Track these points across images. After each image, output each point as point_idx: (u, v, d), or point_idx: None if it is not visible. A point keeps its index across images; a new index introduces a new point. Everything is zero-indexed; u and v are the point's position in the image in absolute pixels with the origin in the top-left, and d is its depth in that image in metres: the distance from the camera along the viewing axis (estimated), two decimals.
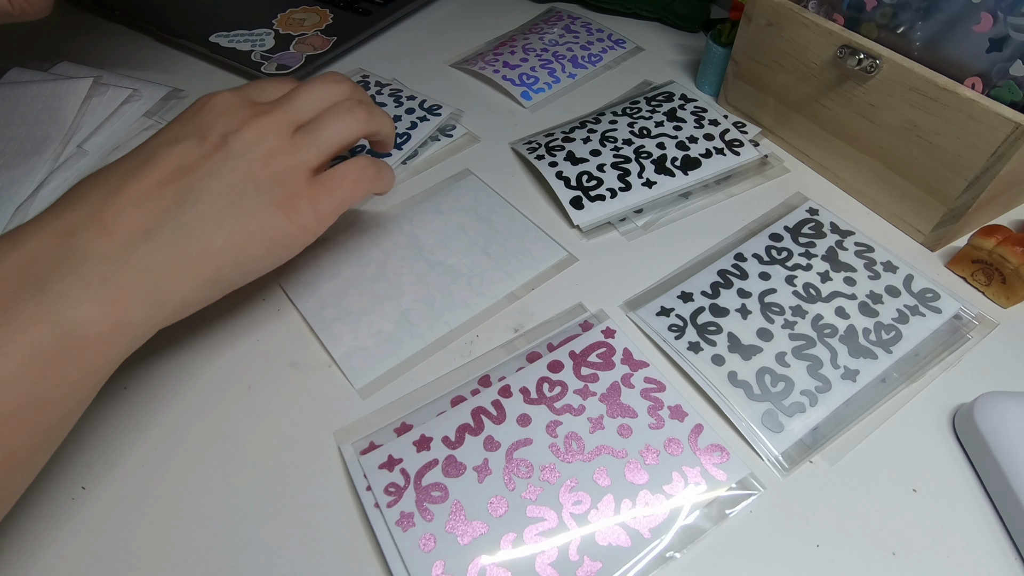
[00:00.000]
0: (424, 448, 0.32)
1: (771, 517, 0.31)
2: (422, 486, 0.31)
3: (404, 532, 0.29)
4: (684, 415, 0.33)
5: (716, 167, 0.45)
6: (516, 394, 0.34)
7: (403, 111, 0.52)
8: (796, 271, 0.40)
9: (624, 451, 0.32)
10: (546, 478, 0.31)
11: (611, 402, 0.34)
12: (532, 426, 0.33)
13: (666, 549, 0.29)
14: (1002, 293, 0.39)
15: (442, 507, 0.30)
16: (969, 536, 0.30)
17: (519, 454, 0.32)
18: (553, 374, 0.35)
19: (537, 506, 0.30)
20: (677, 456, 0.32)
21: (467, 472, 0.31)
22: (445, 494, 0.30)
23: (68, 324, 0.25)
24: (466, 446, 0.32)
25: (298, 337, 0.39)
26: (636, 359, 0.36)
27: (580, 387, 0.34)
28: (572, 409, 0.34)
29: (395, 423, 0.34)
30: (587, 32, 0.62)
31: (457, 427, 0.33)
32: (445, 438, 0.33)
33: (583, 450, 0.32)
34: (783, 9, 0.43)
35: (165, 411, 0.35)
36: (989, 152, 0.36)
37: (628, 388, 0.34)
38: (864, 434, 0.33)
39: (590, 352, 0.36)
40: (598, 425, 0.33)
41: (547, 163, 0.46)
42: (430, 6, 0.67)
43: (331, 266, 0.42)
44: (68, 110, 0.43)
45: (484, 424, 0.33)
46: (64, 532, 0.31)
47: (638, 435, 0.32)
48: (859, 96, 0.41)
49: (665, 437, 0.32)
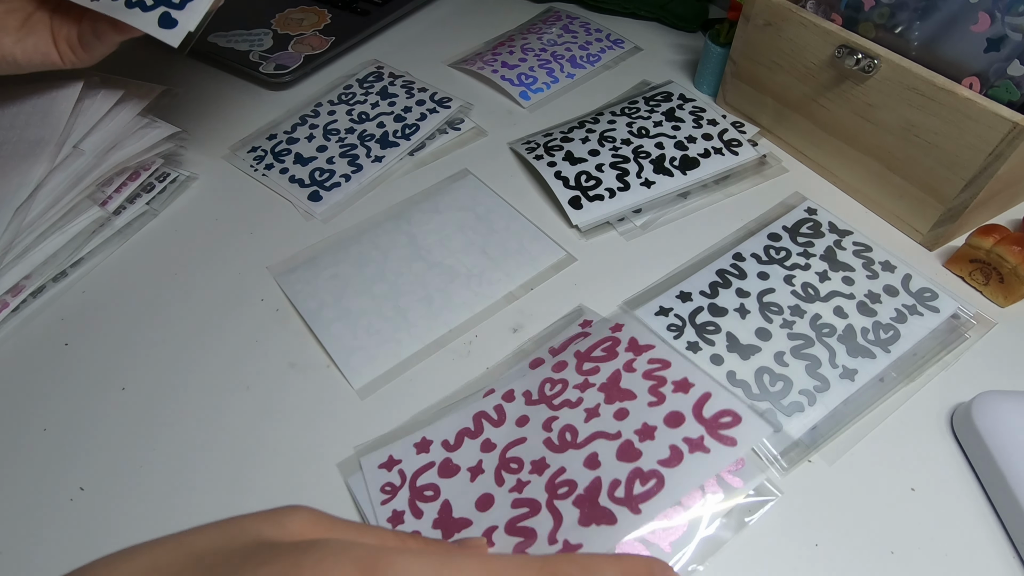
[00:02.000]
0: (424, 450, 0.33)
1: (770, 516, 0.31)
2: (416, 486, 0.31)
3: (393, 529, 0.30)
4: (690, 386, 0.32)
5: (714, 167, 0.46)
6: (519, 398, 0.34)
7: (414, 102, 0.53)
8: (794, 271, 0.40)
9: (618, 432, 0.31)
10: (535, 471, 0.31)
11: (610, 389, 0.33)
12: (529, 426, 0.33)
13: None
14: (1000, 292, 0.39)
15: (431, 506, 0.31)
16: (967, 534, 0.30)
17: (512, 452, 0.32)
18: (556, 374, 0.35)
19: (522, 497, 0.30)
20: (675, 429, 0.30)
21: (461, 473, 0.32)
22: (436, 494, 0.31)
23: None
24: (463, 449, 0.33)
25: (297, 338, 0.39)
26: (642, 344, 0.35)
27: (580, 381, 0.34)
28: (570, 403, 0.33)
29: (401, 430, 0.34)
30: (585, 32, 0.62)
31: (457, 431, 0.33)
32: (445, 441, 0.33)
33: (576, 439, 0.32)
34: (781, 9, 0.43)
35: (163, 413, 0.35)
36: (987, 151, 0.36)
37: (629, 372, 0.34)
38: (862, 433, 0.33)
39: (595, 348, 0.36)
40: (594, 413, 0.32)
41: (546, 163, 0.46)
42: (429, 6, 0.67)
43: (330, 266, 0.42)
44: (61, 111, 0.43)
45: (483, 428, 0.33)
46: (63, 532, 0.31)
47: (635, 415, 0.32)
48: (857, 96, 0.41)
49: (665, 412, 0.31)
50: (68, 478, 0.33)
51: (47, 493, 0.32)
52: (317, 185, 0.47)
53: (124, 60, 0.59)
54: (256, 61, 0.57)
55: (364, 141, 0.50)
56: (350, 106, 0.53)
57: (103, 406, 0.36)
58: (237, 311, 0.40)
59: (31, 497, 0.32)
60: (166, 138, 0.45)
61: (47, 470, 0.33)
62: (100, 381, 0.37)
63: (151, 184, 0.46)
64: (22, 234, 0.40)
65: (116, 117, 0.45)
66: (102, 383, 0.37)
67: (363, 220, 0.45)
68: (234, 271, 0.42)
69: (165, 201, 0.47)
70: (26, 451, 0.34)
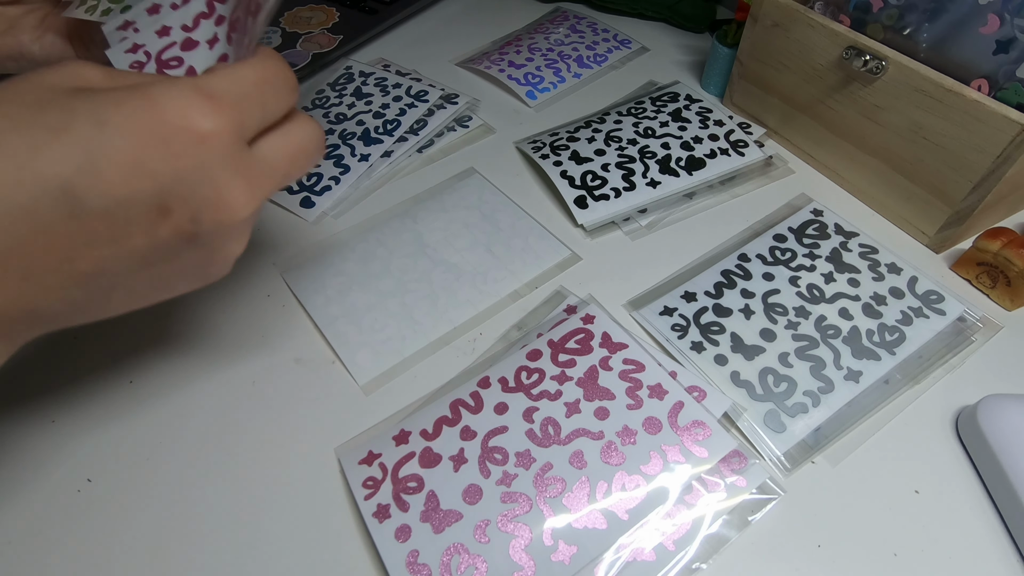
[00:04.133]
0: (403, 441, 0.32)
1: (773, 517, 0.31)
2: (399, 478, 0.31)
3: (380, 524, 0.30)
4: (664, 393, 0.33)
5: (721, 167, 0.45)
6: (495, 384, 0.34)
7: (420, 100, 0.52)
8: (800, 272, 0.40)
9: (601, 432, 0.32)
10: (521, 464, 0.31)
11: (588, 386, 0.34)
12: (508, 414, 0.33)
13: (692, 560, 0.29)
14: (1007, 296, 0.39)
15: (417, 497, 0.30)
16: (971, 538, 0.30)
17: (495, 442, 0.32)
18: (531, 362, 0.35)
19: (511, 492, 0.30)
20: (655, 435, 0.31)
21: (443, 462, 0.31)
22: (420, 484, 0.31)
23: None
24: (443, 437, 0.32)
25: (303, 333, 0.39)
26: (615, 341, 0.35)
27: (557, 373, 0.34)
28: (549, 395, 0.33)
29: (386, 422, 0.34)
30: (592, 32, 0.62)
31: (435, 419, 0.33)
32: (423, 431, 0.33)
33: (559, 435, 0.32)
34: (789, 10, 0.43)
35: (170, 406, 0.36)
36: (995, 154, 0.36)
37: (606, 371, 0.34)
38: (867, 435, 0.33)
39: (568, 339, 0.36)
40: (575, 409, 0.33)
41: (552, 162, 0.46)
42: (436, 5, 0.67)
43: (336, 263, 0.42)
44: None
45: (461, 415, 0.33)
46: (70, 523, 0.31)
47: (615, 416, 0.32)
48: (865, 97, 0.41)
49: (643, 416, 0.32)
50: (76, 470, 0.33)
51: (55, 485, 0.33)
52: (307, 191, 0.47)
53: None
54: None
55: (346, 140, 0.50)
56: (325, 109, 0.53)
57: (111, 399, 0.36)
58: (244, 307, 0.40)
59: (39, 488, 0.32)
60: None
61: (55, 462, 0.33)
62: (108, 374, 0.37)
63: None
64: None
65: None
66: (110, 376, 0.37)
67: (369, 218, 0.45)
68: (240, 267, 0.43)
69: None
70: (34, 442, 0.34)
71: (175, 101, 0.21)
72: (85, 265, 0.21)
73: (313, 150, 0.27)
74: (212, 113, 0.21)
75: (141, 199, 0.21)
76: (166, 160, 0.21)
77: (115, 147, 0.20)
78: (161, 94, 0.21)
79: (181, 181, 0.21)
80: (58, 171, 0.20)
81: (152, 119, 0.21)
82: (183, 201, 0.22)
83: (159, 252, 0.23)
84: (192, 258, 0.24)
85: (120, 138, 0.20)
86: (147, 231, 0.22)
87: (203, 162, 0.21)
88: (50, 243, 0.20)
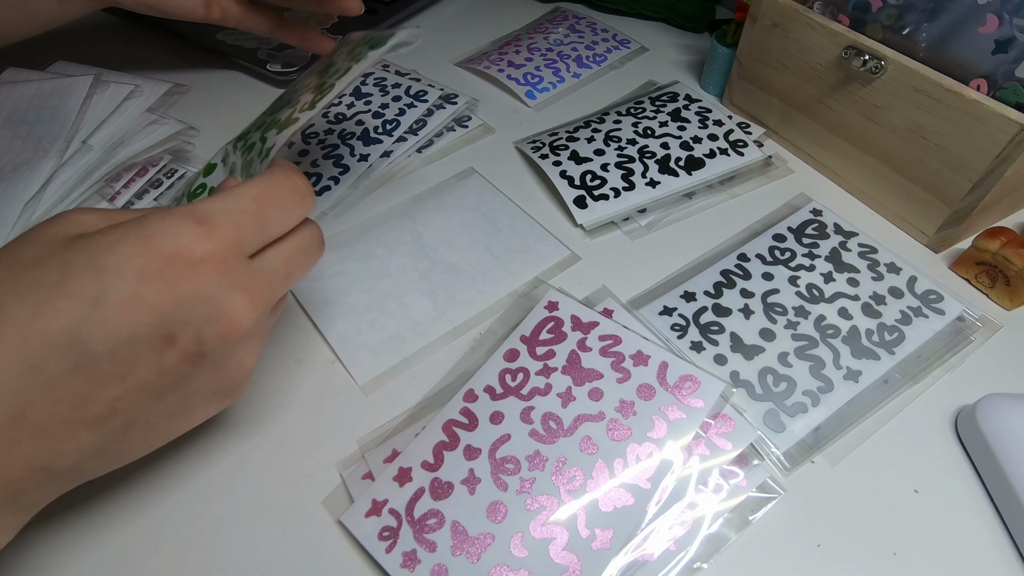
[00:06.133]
0: (406, 479, 0.31)
1: (773, 516, 0.31)
2: (415, 519, 0.29)
3: (412, 573, 0.28)
4: (647, 358, 0.33)
5: (720, 167, 0.46)
6: (482, 394, 0.33)
7: (420, 100, 0.52)
8: (799, 272, 0.40)
9: (601, 413, 0.32)
10: (535, 467, 0.30)
11: (574, 371, 0.33)
12: (506, 421, 0.32)
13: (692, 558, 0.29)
14: (1006, 295, 0.39)
15: (441, 533, 0.29)
16: (970, 537, 0.30)
17: (502, 452, 0.31)
18: (511, 363, 0.35)
19: (534, 496, 0.30)
20: (651, 401, 0.32)
21: (456, 488, 0.30)
22: (441, 519, 0.29)
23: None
24: (447, 463, 0.31)
25: (303, 333, 0.39)
26: (585, 322, 0.35)
27: (540, 367, 0.34)
28: (539, 391, 0.33)
29: (381, 461, 0.32)
30: (592, 32, 0.62)
31: (433, 447, 0.32)
32: (424, 463, 0.31)
33: (562, 426, 0.31)
34: (788, 10, 0.43)
35: None
36: (994, 154, 0.36)
37: (586, 352, 0.34)
38: (866, 435, 0.33)
39: (539, 330, 0.36)
40: (569, 397, 0.32)
41: (551, 162, 0.46)
42: (435, 5, 0.67)
43: (335, 263, 0.42)
44: (70, 107, 0.43)
45: (458, 436, 0.32)
46: (69, 527, 0.31)
47: (609, 394, 0.32)
48: (864, 97, 0.41)
49: (635, 386, 0.32)
50: None
51: None
52: None
53: (133, 56, 0.60)
54: (263, 59, 0.57)
55: (346, 140, 0.49)
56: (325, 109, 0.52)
57: None
58: None
59: None
60: (174, 134, 0.46)
61: None
62: None
63: (159, 180, 0.47)
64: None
65: (124, 113, 0.45)
66: None
67: (369, 218, 0.45)
68: None
69: (173, 197, 0.47)
70: None
71: (167, 232, 0.22)
72: (97, 408, 0.21)
73: (311, 246, 0.28)
74: (204, 237, 0.22)
75: (145, 332, 0.21)
76: (164, 290, 0.21)
77: (114, 289, 0.21)
78: (154, 227, 0.22)
79: (181, 306, 0.22)
80: (62, 325, 0.20)
81: (147, 254, 0.21)
82: (184, 324, 0.22)
83: (170, 379, 0.23)
84: (205, 378, 0.24)
85: (118, 279, 0.21)
86: (154, 361, 0.22)
87: (200, 284, 0.22)
88: (60, 395, 0.21)
